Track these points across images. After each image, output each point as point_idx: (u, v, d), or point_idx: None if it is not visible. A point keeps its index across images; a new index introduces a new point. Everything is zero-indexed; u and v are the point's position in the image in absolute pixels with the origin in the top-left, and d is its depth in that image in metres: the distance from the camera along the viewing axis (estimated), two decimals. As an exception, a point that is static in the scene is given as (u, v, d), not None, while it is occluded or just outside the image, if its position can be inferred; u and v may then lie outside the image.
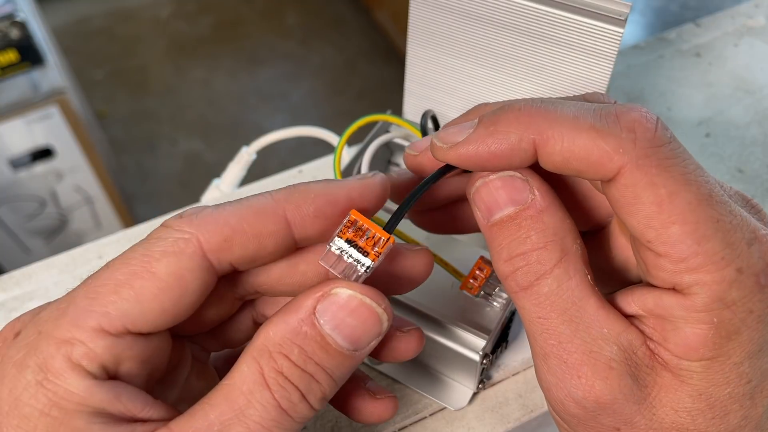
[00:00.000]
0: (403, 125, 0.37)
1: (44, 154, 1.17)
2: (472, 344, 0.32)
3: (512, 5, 0.33)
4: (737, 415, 0.22)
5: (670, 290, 0.22)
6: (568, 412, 0.23)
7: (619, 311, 0.23)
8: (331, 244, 0.24)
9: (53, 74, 1.11)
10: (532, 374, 0.36)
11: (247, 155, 0.46)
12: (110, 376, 0.22)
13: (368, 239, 0.24)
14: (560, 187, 0.27)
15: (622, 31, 0.31)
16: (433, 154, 0.25)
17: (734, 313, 0.21)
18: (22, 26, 1.03)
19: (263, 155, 0.47)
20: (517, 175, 0.24)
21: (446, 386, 0.35)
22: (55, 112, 1.13)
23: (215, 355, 0.30)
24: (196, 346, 0.28)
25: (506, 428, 0.34)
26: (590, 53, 0.32)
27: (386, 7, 1.98)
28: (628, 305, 0.23)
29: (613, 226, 0.27)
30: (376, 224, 0.24)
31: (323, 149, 0.48)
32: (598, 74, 0.33)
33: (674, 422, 0.22)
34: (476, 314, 0.34)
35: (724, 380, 0.21)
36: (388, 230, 0.24)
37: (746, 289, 0.21)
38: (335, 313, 0.23)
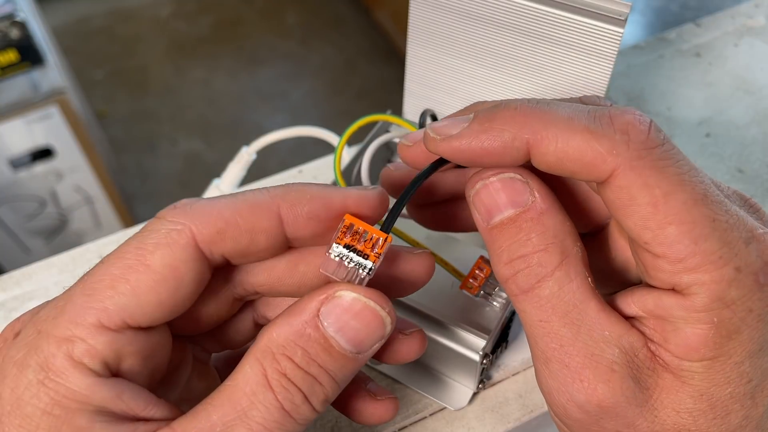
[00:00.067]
0: (403, 125, 0.37)
1: (44, 154, 1.17)
2: (472, 344, 0.32)
3: (512, 5, 0.33)
4: (738, 414, 0.22)
5: (669, 291, 0.22)
6: (570, 416, 0.23)
7: (619, 313, 0.23)
8: (329, 251, 0.24)
9: (53, 74, 1.11)
10: (532, 374, 0.36)
11: (247, 155, 0.46)
12: (112, 373, 0.22)
13: (366, 241, 0.24)
14: (559, 188, 0.27)
15: (622, 31, 0.31)
16: (425, 145, 0.25)
17: (734, 312, 0.21)
18: (22, 26, 1.03)
19: (263, 155, 0.47)
20: (517, 176, 0.24)
21: (446, 386, 0.35)
22: (55, 112, 1.13)
23: (215, 355, 0.30)
24: (197, 347, 0.28)
25: (506, 428, 0.34)
26: (590, 53, 0.32)
27: (386, 7, 1.98)
28: (628, 306, 0.23)
29: (611, 227, 0.27)
30: (372, 226, 0.24)
31: (323, 149, 0.48)
32: (598, 74, 0.33)
33: (676, 423, 0.22)
34: (476, 314, 0.34)
35: (725, 380, 0.21)
36: (385, 230, 0.24)
37: (745, 287, 0.21)
38: (339, 315, 0.23)
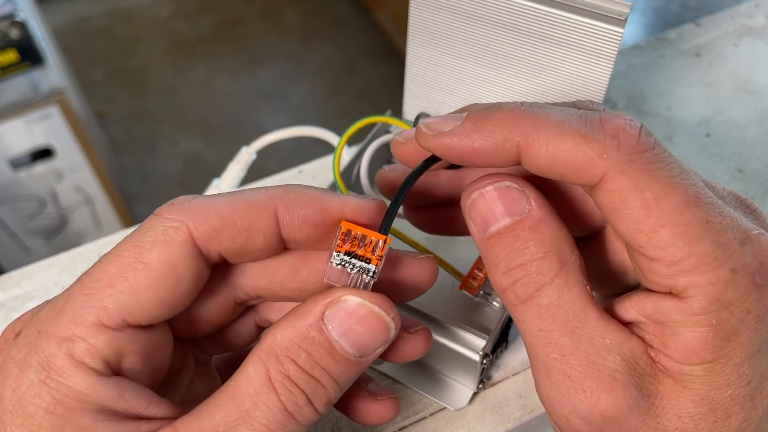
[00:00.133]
0: (402, 127, 0.37)
1: (44, 154, 1.17)
2: (472, 344, 0.32)
3: (512, 5, 0.33)
4: (738, 417, 0.22)
5: (667, 295, 0.22)
6: (573, 428, 0.23)
7: (618, 319, 0.23)
8: (331, 260, 0.24)
9: (53, 74, 1.11)
10: (531, 374, 0.36)
11: (247, 155, 0.46)
12: (113, 372, 0.22)
13: (366, 246, 0.24)
14: (554, 192, 0.27)
15: (622, 31, 0.31)
16: (417, 140, 0.25)
17: (732, 313, 0.21)
18: (22, 26, 1.03)
19: (263, 155, 0.47)
20: (513, 185, 0.24)
21: (446, 386, 0.35)
22: (55, 112, 1.13)
23: (216, 356, 0.30)
24: (198, 349, 0.28)
25: (506, 428, 0.34)
26: (590, 53, 0.32)
27: (386, 7, 1.98)
28: (626, 311, 0.23)
29: (608, 230, 0.27)
30: (369, 229, 0.24)
31: (323, 149, 0.48)
32: (598, 74, 0.33)
33: (678, 428, 0.22)
34: (476, 314, 0.34)
35: (725, 382, 0.21)
36: (383, 232, 0.24)
37: (742, 288, 0.21)
38: (343, 320, 0.23)
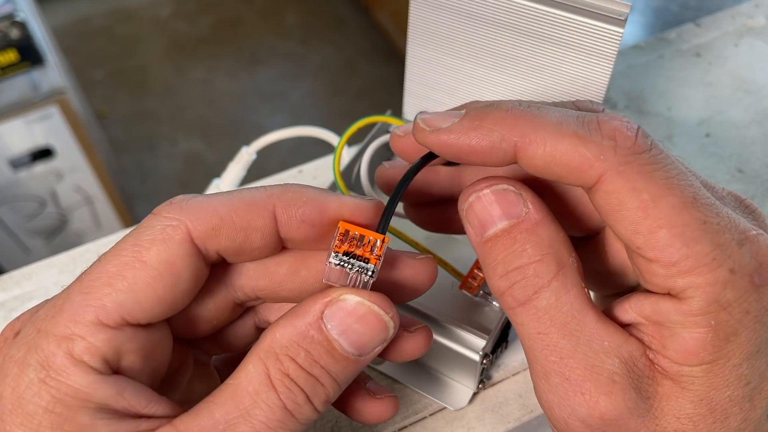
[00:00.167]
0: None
1: (44, 154, 1.17)
2: (472, 344, 0.32)
3: (512, 5, 0.33)
4: (737, 418, 0.22)
5: (665, 296, 0.22)
6: (572, 431, 0.23)
7: (617, 320, 0.23)
8: (329, 260, 0.24)
9: (53, 74, 1.11)
10: (532, 374, 0.36)
11: (247, 155, 0.46)
12: (113, 370, 0.22)
13: (365, 245, 0.24)
14: (553, 192, 0.27)
15: (622, 31, 0.31)
16: (414, 135, 0.25)
17: (731, 314, 0.21)
18: (22, 26, 1.03)
19: (263, 155, 0.47)
20: (510, 188, 0.24)
21: (446, 386, 0.35)
22: (55, 112, 1.13)
23: (215, 356, 0.30)
24: (197, 350, 0.28)
25: (506, 428, 0.34)
26: (590, 53, 0.32)
27: (386, 7, 1.98)
28: (625, 313, 0.23)
29: (608, 230, 0.27)
30: (367, 229, 0.24)
31: (323, 149, 0.48)
32: (598, 74, 0.33)
33: (676, 430, 0.22)
34: (476, 314, 0.34)
35: (724, 383, 0.21)
36: (381, 231, 0.24)
37: (741, 289, 0.21)
38: (343, 319, 0.23)
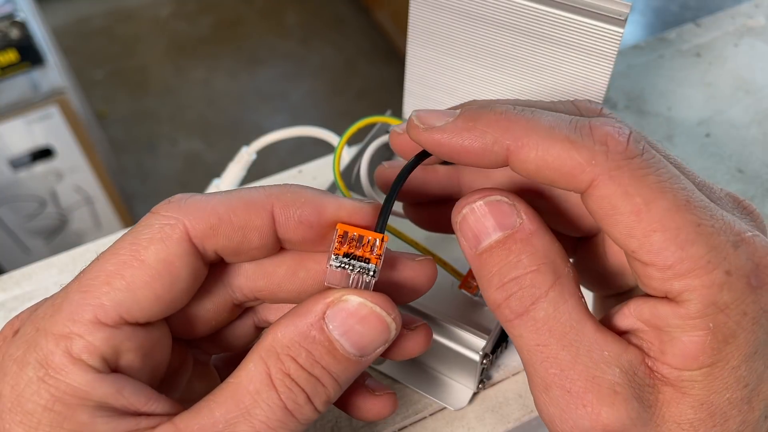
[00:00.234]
0: (403, 125, 0.37)
1: (44, 154, 1.17)
2: (472, 344, 0.32)
3: (512, 5, 0.33)
4: (736, 420, 0.22)
5: (663, 299, 0.22)
6: None
7: (616, 325, 0.23)
8: (330, 263, 0.24)
9: (53, 74, 1.11)
10: (532, 374, 0.36)
11: (247, 155, 0.46)
12: (112, 369, 0.22)
13: (364, 246, 0.24)
14: (552, 193, 0.27)
15: (622, 31, 0.31)
16: (408, 132, 0.25)
17: (729, 316, 0.21)
18: (22, 26, 1.03)
19: (263, 155, 0.47)
20: (503, 199, 0.24)
21: (446, 386, 0.35)
22: (55, 112, 1.13)
23: (215, 355, 0.30)
24: (197, 349, 0.28)
25: (506, 428, 0.34)
26: (590, 53, 0.32)
27: (386, 7, 1.98)
28: (625, 318, 0.23)
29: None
30: (365, 229, 0.24)
31: (323, 149, 0.48)
32: (598, 74, 0.33)
33: None
34: (476, 314, 0.34)
35: (723, 386, 0.21)
36: (379, 230, 0.24)
37: (737, 291, 0.21)
38: (344, 319, 0.23)
